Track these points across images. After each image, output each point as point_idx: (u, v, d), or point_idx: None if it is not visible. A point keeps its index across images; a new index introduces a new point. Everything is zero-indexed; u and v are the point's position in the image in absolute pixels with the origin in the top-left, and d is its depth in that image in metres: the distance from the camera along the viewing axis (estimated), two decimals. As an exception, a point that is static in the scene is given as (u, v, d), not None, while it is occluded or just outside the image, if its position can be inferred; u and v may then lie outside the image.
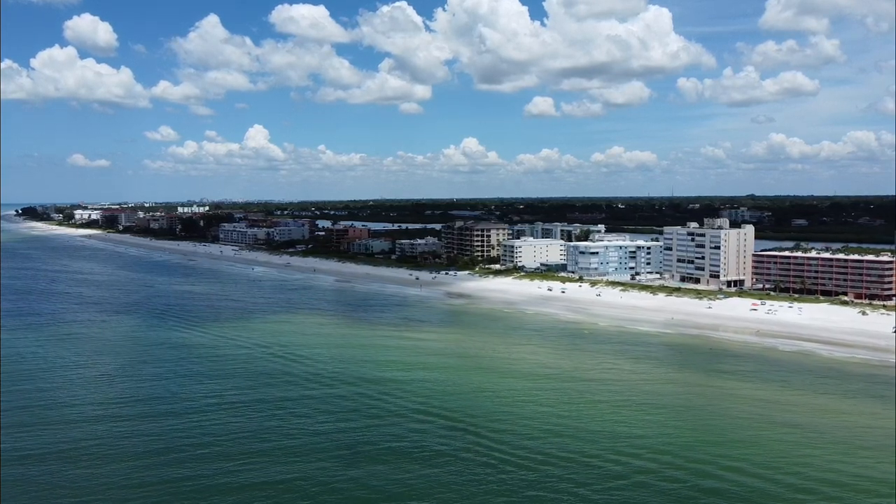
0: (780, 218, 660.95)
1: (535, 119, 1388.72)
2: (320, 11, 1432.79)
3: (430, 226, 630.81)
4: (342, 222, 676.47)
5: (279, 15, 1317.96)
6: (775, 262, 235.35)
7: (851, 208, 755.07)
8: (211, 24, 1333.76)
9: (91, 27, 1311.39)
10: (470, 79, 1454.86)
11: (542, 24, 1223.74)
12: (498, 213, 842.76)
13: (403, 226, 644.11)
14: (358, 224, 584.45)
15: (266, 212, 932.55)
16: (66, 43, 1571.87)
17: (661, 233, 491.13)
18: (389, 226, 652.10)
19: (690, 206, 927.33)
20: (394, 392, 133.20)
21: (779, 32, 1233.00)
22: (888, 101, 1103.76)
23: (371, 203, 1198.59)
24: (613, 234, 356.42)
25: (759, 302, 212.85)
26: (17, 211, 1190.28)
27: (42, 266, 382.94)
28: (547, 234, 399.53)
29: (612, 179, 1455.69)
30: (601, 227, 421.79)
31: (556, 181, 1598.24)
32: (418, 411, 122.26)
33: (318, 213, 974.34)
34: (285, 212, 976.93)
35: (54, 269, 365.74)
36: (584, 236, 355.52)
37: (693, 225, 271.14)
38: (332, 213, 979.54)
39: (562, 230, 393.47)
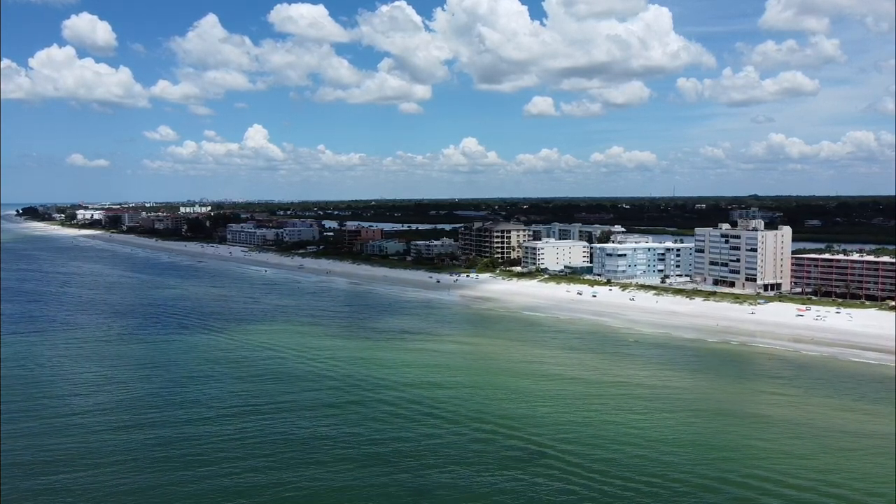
0: (791, 218, 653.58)
1: (535, 119, 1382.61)
2: (319, 11, 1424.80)
3: (439, 226, 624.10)
4: (349, 223, 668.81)
5: (278, 14, 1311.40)
6: (816, 266, 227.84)
7: (860, 208, 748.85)
8: (210, 24, 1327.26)
9: (90, 26, 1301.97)
10: (469, 78, 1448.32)
11: (542, 24, 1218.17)
12: (504, 213, 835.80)
13: (413, 226, 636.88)
14: (364, 224, 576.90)
15: (269, 212, 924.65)
16: (64, 42, 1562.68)
17: (672, 233, 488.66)
18: (397, 226, 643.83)
19: (697, 206, 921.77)
20: (444, 402, 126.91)
21: (779, 32, 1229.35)
22: (888, 101, 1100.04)
23: (373, 203, 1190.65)
24: (636, 236, 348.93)
25: (804, 307, 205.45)
26: (17, 211, 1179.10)
27: (51, 268, 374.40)
28: (564, 234, 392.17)
29: (612, 179, 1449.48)
30: (618, 227, 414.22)
31: (555, 181, 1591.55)
32: (475, 419, 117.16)
33: (321, 213, 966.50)
34: (288, 212, 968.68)
35: (65, 272, 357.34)
36: (605, 238, 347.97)
37: (725, 226, 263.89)
38: (335, 213, 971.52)
39: (580, 231, 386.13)
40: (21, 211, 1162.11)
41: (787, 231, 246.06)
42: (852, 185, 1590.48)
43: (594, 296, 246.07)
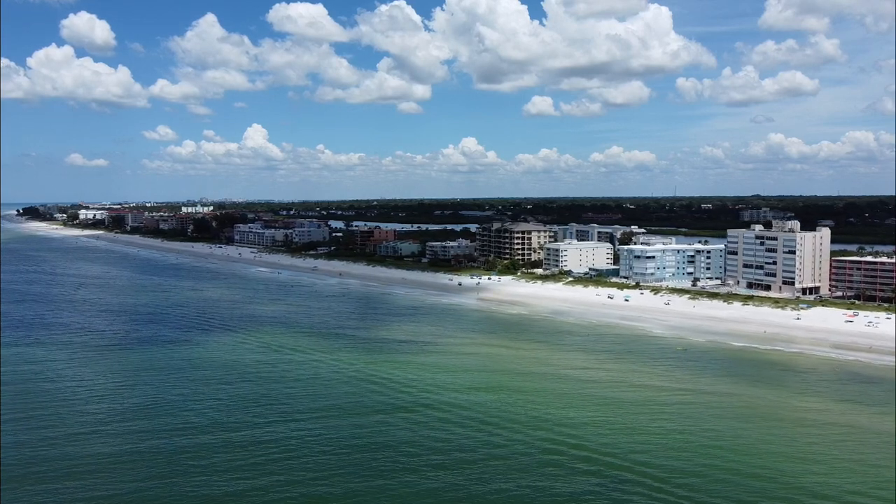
0: (803, 219, 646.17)
1: (534, 119, 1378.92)
2: (318, 10, 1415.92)
3: (448, 226, 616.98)
4: (356, 223, 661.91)
5: (277, 14, 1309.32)
6: (859, 269, 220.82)
7: (868, 209, 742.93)
8: (208, 23, 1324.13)
9: (88, 26, 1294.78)
10: (469, 78, 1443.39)
11: (542, 24, 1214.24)
12: (509, 213, 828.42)
13: (421, 226, 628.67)
14: (372, 224, 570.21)
15: (272, 212, 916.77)
16: (62, 42, 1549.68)
17: (684, 234, 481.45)
18: (406, 226, 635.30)
19: (703, 206, 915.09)
20: (496, 409, 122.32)
21: (779, 32, 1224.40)
22: (887, 101, 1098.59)
23: (376, 203, 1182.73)
24: (658, 237, 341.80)
25: (850, 313, 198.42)
26: (18, 211, 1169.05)
27: (60, 270, 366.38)
28: (582, 236, 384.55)
29: (611, 179, 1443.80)
30: (635, 228, 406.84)
31: (554, 181, 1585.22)
32: (533, 426, 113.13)
33: (324, 213, 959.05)
34: (291, 212, 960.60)
35: (75, 274, 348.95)
36: (627, 239, 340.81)
37: (758, 227, 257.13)
38: (338, 213, 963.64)
39: (599, 232, 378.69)
40: (22, 211, 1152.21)
41: (825, 233, 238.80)
42: (851, 186, 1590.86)
43: (626, 300, 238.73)
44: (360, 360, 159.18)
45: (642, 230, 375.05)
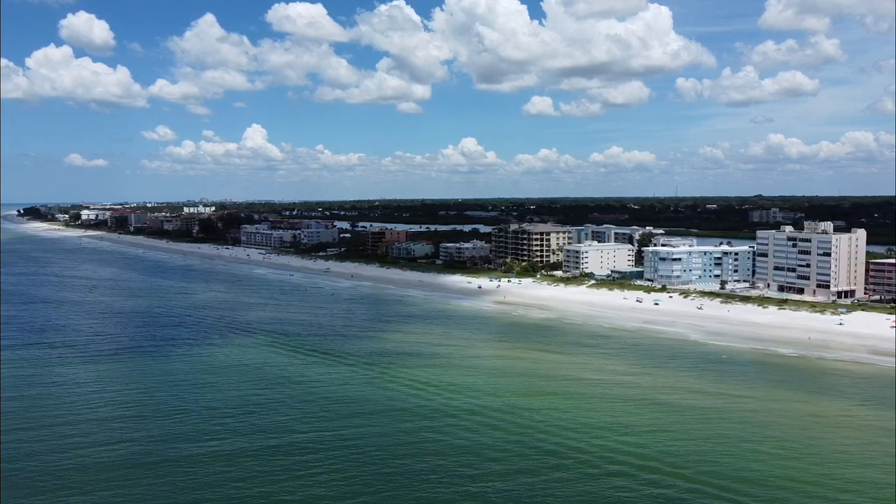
0: (815, 219, 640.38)
1: (534, 119, 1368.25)
2: (318, 10, 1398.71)
3: (456, 227, 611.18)
4: (361, 223, 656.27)
5: (276, 14, 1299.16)
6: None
7: (876, 209, 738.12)
8: (207, 23, 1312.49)
9: (87, 26, 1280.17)
10: (469, 78, 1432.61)
11: (541, 24, 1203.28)
12: (514, 213, 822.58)
13: (428, 227, 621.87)
14: (377, 225, 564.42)
15: (275, 212, 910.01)
16: (61, 42, 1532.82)
17: (696, 234, 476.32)
18: (413, 227, 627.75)
19: (708, 206, 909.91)
20: (551, 422, 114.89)
21: (778, 32, 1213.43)
22: (887, 102, 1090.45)
23: (378, 203, 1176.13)
24: (677, 238, 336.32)
25: (894, 318, 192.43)
26: (18, 211, 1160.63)
27: (68, 272, 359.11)
28: (598, 237, 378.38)
29: (611, 179, 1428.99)
30: (651, 228, 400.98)
31: (554, 181, 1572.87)
32: (594, 435, 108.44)
33: (326, 213, 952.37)
34: (293, 212, 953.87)
35: (84, 276, 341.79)
36: (647, 240, 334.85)
37: (788, 229, 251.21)
38: (341, 213, 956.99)
39: (616, 233, 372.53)
40: (22, 211, 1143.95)
41: (861, 234, 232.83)
42: (851, 186, 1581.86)
43: (656, 304, 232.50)
44: (394, 364, 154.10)
45: (661, 231, 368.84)
